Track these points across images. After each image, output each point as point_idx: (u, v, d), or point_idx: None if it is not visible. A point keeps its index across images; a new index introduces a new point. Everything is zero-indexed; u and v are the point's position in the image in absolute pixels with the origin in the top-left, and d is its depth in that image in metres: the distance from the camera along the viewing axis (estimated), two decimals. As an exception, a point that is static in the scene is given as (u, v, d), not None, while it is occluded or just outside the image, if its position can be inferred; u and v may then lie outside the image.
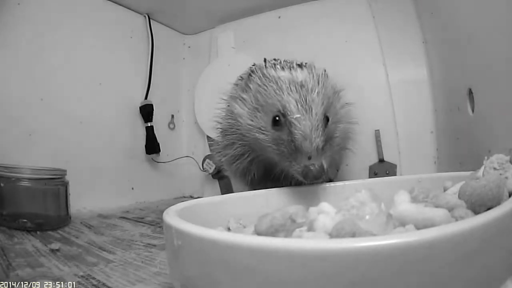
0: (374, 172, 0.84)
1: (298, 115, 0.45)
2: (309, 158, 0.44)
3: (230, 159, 0.57)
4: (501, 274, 0.24)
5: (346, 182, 0.51)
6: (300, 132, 0.44)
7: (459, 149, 0.66)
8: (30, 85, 0.78)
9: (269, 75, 0.50)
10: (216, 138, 0.63)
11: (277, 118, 0.47)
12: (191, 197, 1.11)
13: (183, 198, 1.12)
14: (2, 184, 0.61)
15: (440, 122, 0.79)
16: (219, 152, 0.61)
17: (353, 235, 0.23)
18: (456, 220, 0.26)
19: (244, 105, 0.52)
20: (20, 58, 0.77)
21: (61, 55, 0.84)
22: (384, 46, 0.87)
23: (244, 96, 0.53)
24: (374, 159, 0.85)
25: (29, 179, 0.63)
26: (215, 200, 0.44)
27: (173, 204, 0.36)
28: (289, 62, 0.53)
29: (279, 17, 1.01)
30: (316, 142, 0.44)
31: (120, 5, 0.99)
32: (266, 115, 0.49)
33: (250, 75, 0.53)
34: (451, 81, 0.70)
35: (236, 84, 0.59)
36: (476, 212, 0.28)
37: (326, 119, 0.48)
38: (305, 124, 0.45)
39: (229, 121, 0.55)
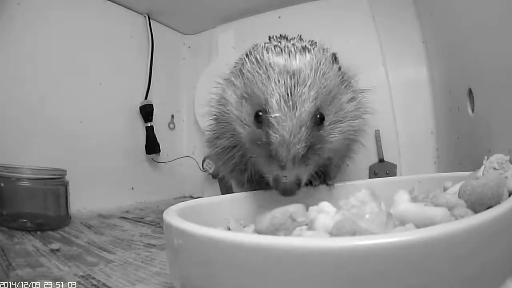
0: (374, 172, 0.84)
1: (278, 114, 0.38)
2: (283, 167, 0.37)
3: (220, 151, 0.52)
4: (501, 273, 0.24)
5: (346, 182, 0.51)
6: (276, 135, 0.37)
7: (459, 149, 0.66)
8: (30, 85, 0.78)
9: (261, 60, 0.42)
10: (208, 127, 0.56)
11: (260, 113, 0.40)
12: (191, 197, 1.11)
13: (183, 198, 1.12)
14: (2, 184, 0.61)
15: (440, 122, 0.79)
16: (210, 142, 0.55)
17: (353, 233, 0.23)
18: (456, 219, 0.26)
19: (233, 92, 0.46)
20: (20, 58, 0.77)
21: (61, 55, 0.84)
22: (384, 46, 0.87)
23: (236, 81, 0.46)
24: (374, 159, 0.85)
25: (29, 179, 0.63)
26: (215, 200, 0.44)
27: (173, 204, 0.36)
28: (295, 44, 0.45)
29: (279, 17, 1.01)
30: (295, 150, 0.37)
31: (120, 5, 0.99)
32: (251, 107, 0.43)
33: (246, 56, 0.46)
34: (451, 81, 0.70)
35: (235, 66, 0.53)
36: (476, 211, 0.28)
37: (320, 118, 0.41)
38: (285, 126, 0.37)
39: (221, 107, 0.49)
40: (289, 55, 0.42)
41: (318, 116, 0.41)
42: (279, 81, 0.40)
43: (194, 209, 0.38)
